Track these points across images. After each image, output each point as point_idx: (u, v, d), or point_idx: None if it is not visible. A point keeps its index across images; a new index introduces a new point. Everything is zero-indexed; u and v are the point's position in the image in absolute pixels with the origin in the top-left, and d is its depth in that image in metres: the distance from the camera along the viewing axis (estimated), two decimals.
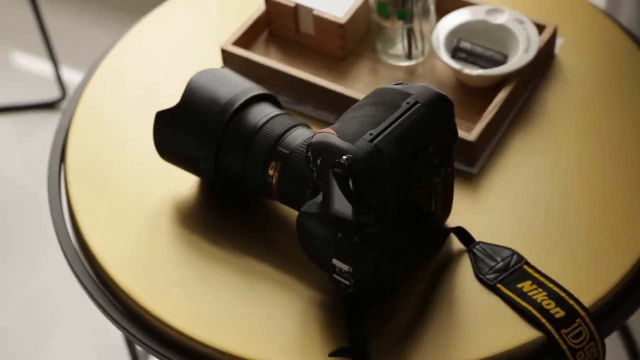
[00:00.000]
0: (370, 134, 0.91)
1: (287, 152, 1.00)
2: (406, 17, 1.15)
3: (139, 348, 1.59)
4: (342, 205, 0.92)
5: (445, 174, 0.98)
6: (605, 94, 1.16)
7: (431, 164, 0.96)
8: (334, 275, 0.96)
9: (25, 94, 2.08)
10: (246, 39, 1.22)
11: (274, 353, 0.97)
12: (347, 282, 0.95)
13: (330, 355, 0.93)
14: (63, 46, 2.12)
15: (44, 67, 2.13)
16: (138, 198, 1.10)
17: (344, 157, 0.89)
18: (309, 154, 0.94)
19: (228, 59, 1.20)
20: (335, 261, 0.94)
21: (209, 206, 1.09)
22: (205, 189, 1.10)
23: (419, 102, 0.94)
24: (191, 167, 1.06)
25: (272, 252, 1.04)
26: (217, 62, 1.22)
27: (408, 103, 0.94)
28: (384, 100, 0.95)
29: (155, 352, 1.00)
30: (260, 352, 0.97)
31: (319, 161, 0.92)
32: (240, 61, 1.19)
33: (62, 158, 1.16)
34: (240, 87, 1.05)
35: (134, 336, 1.01)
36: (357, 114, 0.94)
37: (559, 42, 1.21)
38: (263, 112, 1.03)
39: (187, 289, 1.02)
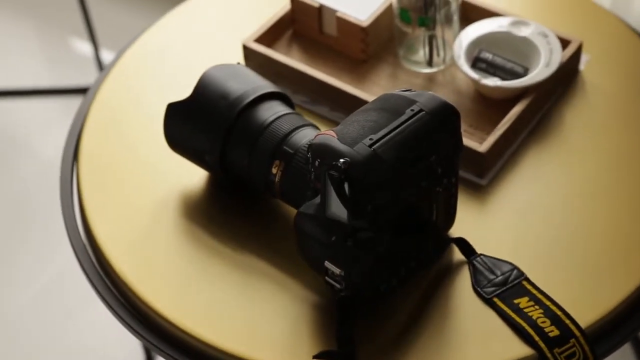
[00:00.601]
0: (370, 139, 0.91)
1: (291, 151, 1.00)
2: (427, 23, 1.14)
3: None
4: (338, 208, 0.91)
5: (448, 183, 0.97)
6: (626, 116, 1.14)
7: (433, 173, 0.95)
8: (327, 278, 0.95)
9: (67, 77, 2.10)
10: (269, 37, 1.22)
11: (261, 350, 0.96)
12: (338, 286, 0.94)
13: (315, 357, 0.93)
14: (105, 31, 2.13)
15: (86, 50, 2.15)
16: (146, 188, 1.10)
17: (341, 160, 0.89)
18: (309, 154, 0.94)
19: (249, 55, 1.20)
20: (327, 264, 0.94)
21: (214, 201, 1.09)
22: (213, 183, 1.10)
23: (423, 110, 0.93)
24: (198, 159, 1.06)
25: (272, 250, 1.04)
26: (240, 58, 1.22)
27: (412, 110, 0.93)
28: (389, 106, 0.94)
29: (144, 339, 1.00)
30: (248, 348, 0.97)
31: (317, 162, 0.92)
32: (260, 58, 1.19)
33: (77, 145, 1.17)
34: (252, 84, 1.05)
35: (127, 323, 1.02)
36: (360, 118, 0.93)
37: (585, 59, 1.20)
38: (273, 110, 1.03)
39: (184, 280, 1.02)
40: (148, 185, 1.10)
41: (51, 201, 1.86)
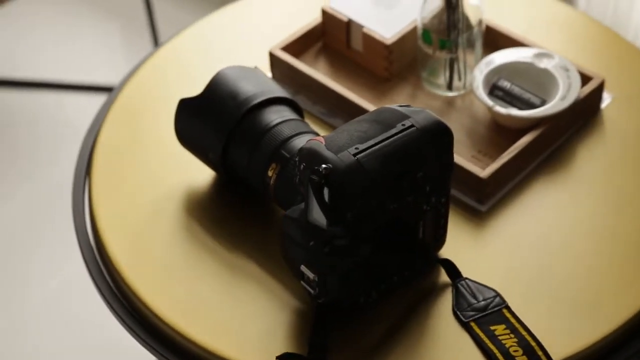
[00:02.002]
0: (356, 148, 0.92)
1: (288, 155, 1.01)
2: (447, 46, 1.15)
3: None
4: (319, 214, 0.92)
5: (436, 203, 0.98)
6: (639, 158, 1.13)
7: (419, 190, 0.95)
8: (302, 282, 0.96)
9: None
10: (297, 47, 1.24)
11: (236, 348, 0.98)
12: (312, 291, 0.95)
13: (278, 358, 0.94)
14: (167, 29, 2.17)
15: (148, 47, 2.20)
16: (152, 183, 1.13)
17: (323, 165, 0.90)
18: (297, 158, 0.95)
19: (274, 62, 1.22)
20: (303, 268, 0.95)
21: (215, 200, 1.11)
22: (217, 182, 1.12)
23: (414, 126, 0.94)
24: (203, 156, 1.08)
25: (264, 253, 1.05)
26: (267, 65, 1.24)
27: (403, 125, 0.94)
28: (381, 118, 0.95)
29: (128, 327, 1.03)
30: (223, 345, 0.98)
31: (302, 166, 0.93)
32: (284, 67, 1.21)
33: (97, 137, 1.20)
34: (262, 87, 1.07)
35: (115, 311, 1.04)
36: (351, 127, 0.94)
37: (608, 97, 1.19)
38: (278, 115, 1.05)
39: (175, 273, 1.04)
40: (155, 180, 1.13)
41: None
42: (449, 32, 1.15)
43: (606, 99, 1.19)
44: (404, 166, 0.93)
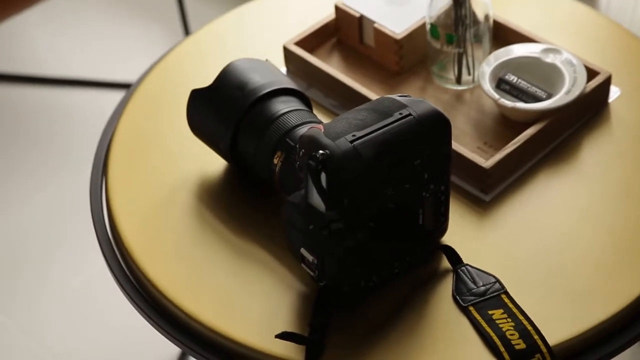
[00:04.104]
0: (353, 135, 0.94)
1: (292, 144, 1.04)
2: (454, 41, 1.17)
3: None
4: (317, 199, 0.95)
5: (435, 190, 1.00)
6: None
7: (418, 177, 0.98)
8: (302, 265, 0.99)
9: None
10: (311, 42, 1.27)
11: (242, 327, 1.01)
12: (312, 273, 0.98)
13: (277, 336, 0.97)
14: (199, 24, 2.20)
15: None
16: (166, 170, 1.16)
17: (320, 151, 0.93)
18: (297, 145, 0.98)
19: (288, 56, 1.25)
20: (303, 251, 0.98)
21: (225, 188, 1.14)
22: (228, 172, 1.15)
23: (411, 115, 0.96)
24: (213, 145, 1.12)
25: (269, 238, 1.08)
26: (282, 60, 1.27)
27: (400, 114, 0.96)
28: (380, 107, 0.97)
29: (139, 308, 1.06)
30: (229, 325, 1.01)
31: (301, 153, 0.96)
32: (297, 60, 1.24)
33: (115, 128, 1.24)
34: (271, 78, 1.10)
35: (128, 293, 1.08)
36: (350, 116, 0.97)
37: (616, 92, 1.20)
38: (286, 105, 1.08)
39: (185, 256, 1.08)
40: (169, 169, 1.16)
41: None
42: (456, 27, 1.17)
43: (614, 94, 1.21)
44: (399, 154, 0.95)
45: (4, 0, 1.75)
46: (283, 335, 0.97)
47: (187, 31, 2.10)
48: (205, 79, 1.23)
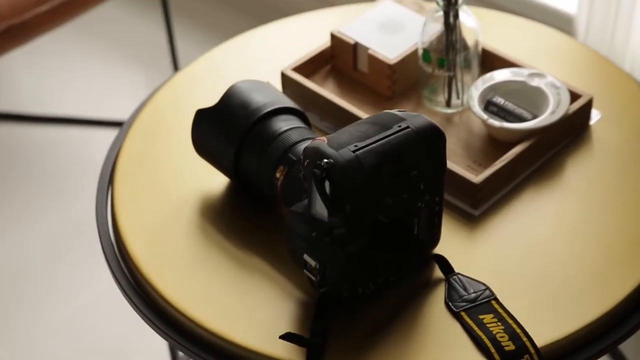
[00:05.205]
0: (355, 146, 1.00)
1: (294, 158, 1.10)
2: (445, 65, 1.24)
3: None
4: (321, 208, 1.01)
5: (430, 201, 1.06)
6: (623, 171, 1.21)
7: (414, 187, 1.03)
8: (305, 271, 1.04)
9: None
10: (308, 68, 1.33)
11: (244, 334, 1.06)
12: (314, 278, 1.03)
13: (281, 337, 1.02)
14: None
15: None
16: (171, 188, 1.22)
17: (325, 160, 0.99)
18: (302, 156, 1.04)
19: (286, 82, 1.31)
20: (306, 257, 1.03)
21: (228, 204, 1.19)
22: (230, 189, 1.21)
23: (409, 128, 1.02)
24: (217, 162, 1.17)
25: (270, 251, 1.13)
26: (279, 85, 1.33)
27: (399, 126, 1.03)
28: (379, 121, 1.04)
29: (146, 317, 1.11)
30: (233, 332, 1.06)
31: (306, 163, 1.02)
32: (294, 85, 1.30)
33: (121, 146, 1.29)
34: (272, 98, 1.16)
35: (134, 303, 1.13)
36: (352, 128, 1.03)
37: (597, 115, 1.27)
38: (287, 123, 1.14)
39: (189, 268, 1.13)
40: (173, 187, 1.22)
41: None
42: (447, 51, 1.24)
43: (595, 117, 1.27)
44: (398, 164, 1.01)
45: (1, 39, 1.79)
46: (286, 336, 1.02)
47: (176, 69, 2.16)
48: (208, 102, 1.29)
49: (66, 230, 1.98)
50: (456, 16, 1.22)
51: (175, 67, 2.16)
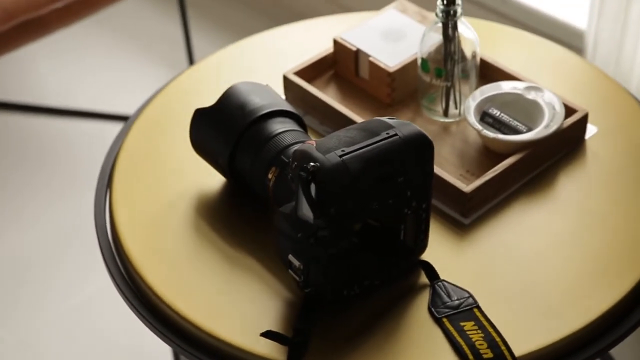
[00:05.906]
0: (342, 151, 1.02)
1: (286, 160, 1.12)
2: (443, 75, 1.25)
3: None
4: (307, 209, 1.03)
5: (417, 207, 1.07)
6: (616, 186, 1.22)
7: (401, 194, 1.05)
8: (289, 271, 1.06)
9: None
10: (310, 73, 1.35)
11: (231, 329, 1.08)
12: (298, 278, 1.05)
13: (262, 334, 1.04)
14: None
15: None
16: (167, 185, 1.24)
17: (311, 164, 1.01)
18: (290, 159, 1.06)
19: (287, 85, 1.33)
20: (291, 257, 1.05)
21: (222, 202, 1.22)
22: (226, 188, 1.23)
23: (397, 135, 1.04)
24: (213, 161, 1.20)
25: (260, 249, 1.16)
26: (281, 89, 1.35)
27: (387, 134, 1.04)
28: (368, 127, 1.05)
29: (137, 311, 1.13)
30: (219, 327, 1.08)
31: (294, 165, 1.04)
32: (295, 88, 1.32)
33: (121, 145, 1.31)
34: (270, 100, 1.18)
35: (127, 297, 1.15)
36: (341, 133, 1.05)
37: (592, 130, 1.28)
38: (282, 125, 1.16)
39: (181, 264, 1.15)
40: (169, 184, 1.24)
41: None
42: (445, 62, 1.25)
43: (591, 131, 1.29)
44: (384, 170, 1.03)
45: (17, 33, 1.82)
46: (267, 334, 1.04)
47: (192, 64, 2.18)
48: (207, 102, 1.32)
49: (74, 223, 2.01)
50: (455, 28, 1.23)
51: (191, 64, 2.18)
